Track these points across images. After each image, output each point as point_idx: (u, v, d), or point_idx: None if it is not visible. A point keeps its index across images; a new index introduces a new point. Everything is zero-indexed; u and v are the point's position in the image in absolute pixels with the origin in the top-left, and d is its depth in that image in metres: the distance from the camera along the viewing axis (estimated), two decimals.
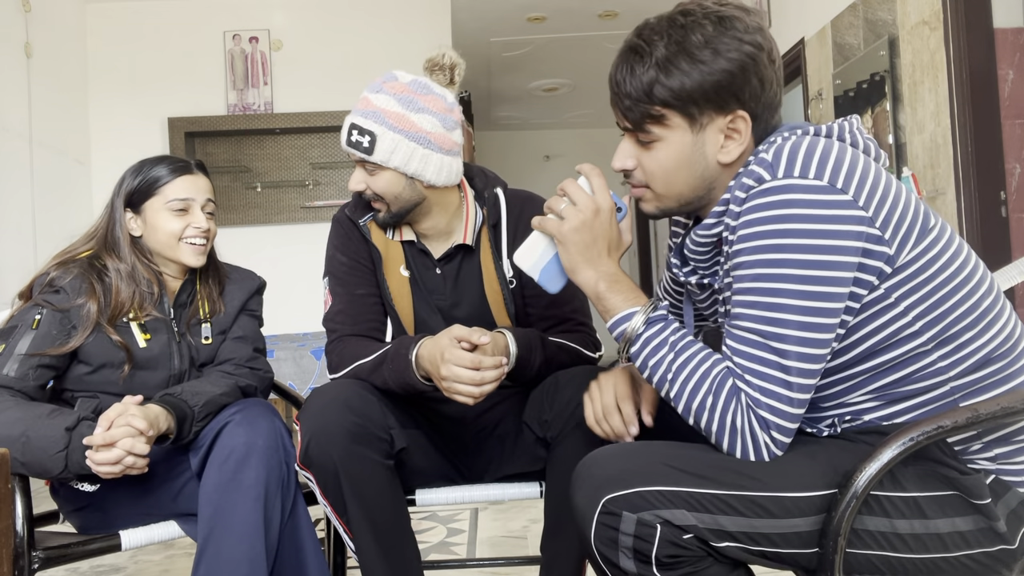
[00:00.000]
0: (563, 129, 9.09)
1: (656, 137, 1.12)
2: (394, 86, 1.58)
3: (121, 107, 5.10)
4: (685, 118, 1.10)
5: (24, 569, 1.40)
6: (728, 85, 1.08)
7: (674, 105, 1.09)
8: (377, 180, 1.58)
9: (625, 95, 1.12)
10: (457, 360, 1.40)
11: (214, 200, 1.70)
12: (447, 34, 5.27)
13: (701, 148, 1.12)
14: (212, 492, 1.45)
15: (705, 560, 1.03)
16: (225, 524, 1.43)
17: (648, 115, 1.11)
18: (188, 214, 1.64)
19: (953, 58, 3.05)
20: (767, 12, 4.73)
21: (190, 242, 1.64)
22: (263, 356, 1.78)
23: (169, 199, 1.63)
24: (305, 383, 4.37)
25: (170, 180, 1.64)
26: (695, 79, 1.08)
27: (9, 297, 1.70)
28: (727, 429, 1.05)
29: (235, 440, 1.48)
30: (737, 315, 1.06)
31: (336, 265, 1.67)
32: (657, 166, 1.14)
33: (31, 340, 1.53)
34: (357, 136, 1.56)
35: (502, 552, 2.55)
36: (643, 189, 1.18)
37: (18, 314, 1.58)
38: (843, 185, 1.02)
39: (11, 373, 1.50)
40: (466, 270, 1.68)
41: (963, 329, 1.06)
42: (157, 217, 1.64)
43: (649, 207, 1.19)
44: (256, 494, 1.44)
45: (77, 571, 2.53)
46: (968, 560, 1.05)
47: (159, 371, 1.63)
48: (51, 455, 1.40)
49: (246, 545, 1.42)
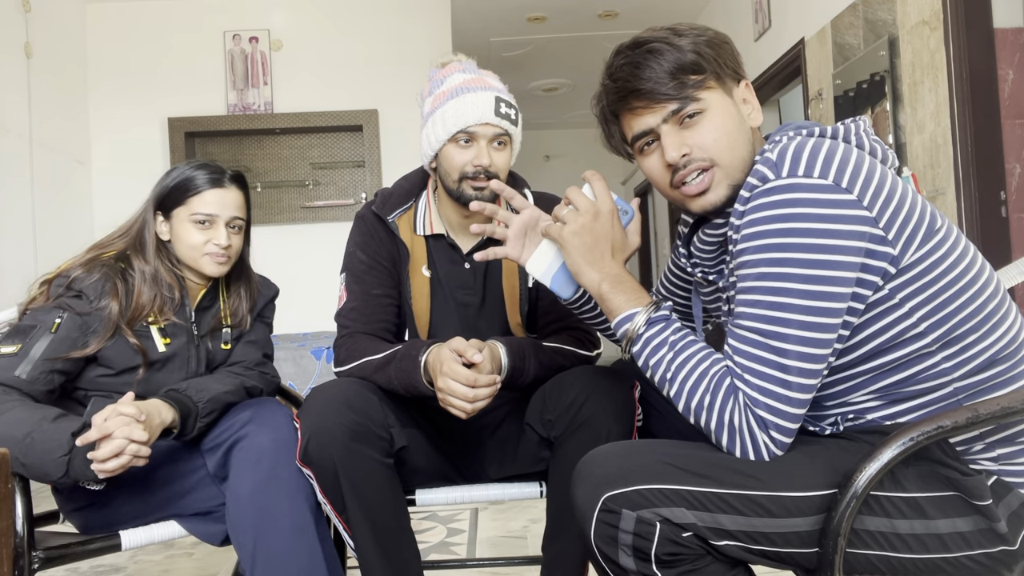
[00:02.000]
0: (563, 129, 9.09)
1: (702, 107, 1.14)
2: (481, 69, 1.65)
3: (121, 107, 5.10)
4: (718, 81, 1.15)
5: (24, 569, 1.40)
6: (729, 51, 1.17)
7: (706, 68, 1.14)
8: (503, 155, 1.61)
9: (658, 81, 1.13)
10: (454, 375, 1.42)
11: (243, 217, 1.68)
12: (447, 34, 5.27)
13: (739, 111, 1.17)
14: (251, 494, 1.45)
15: (704, 558, 1.03)
16: (274, 522, 1.43)
17: (688, 86, 1.13)
18: (211, 229, 1.64)
19: (953, 58, 3.05)
20: (767, 12, 4.73)
21: (212, 255, 1.64)
22: (271, 362, 1.80)
23: (194, 211, 1.64)
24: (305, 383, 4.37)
25: (200, 191, 1.64)
26: (705, 43, 1.15)
27: (9, 297, 1.69)
28: (725, 427, 1.05)
29: (262, 439, 1.48)
30: (739, 314, 1.06)
31: (355, 262, 1.68)
32: (714, 133, 1.14)
33: (48, 344, 1.52)
34: (506, 108, 1.59)
35: (502, 552, 2.55)
36: (708, 172, 1.15)
37: (38, 313, 1.56)
38: (847, 185, 1.02)
39: (23, 375, 1.49)
40: (494, 264, 1.70)
41: (968, 331, 1.06)
42: (181, 227, 1.65)
43: (720, 189, 1.15)
44: (298, 488, 1.46)
45: (77, 571, 2.53)
46: (968, 561, 1.05)
47: (176, 373, 1.63)
48: (54, 459, 1.39)
49: (301, 539, 1.43)
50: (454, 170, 1.59)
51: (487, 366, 1.47)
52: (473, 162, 1.57)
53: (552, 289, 1.28)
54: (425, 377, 1.49)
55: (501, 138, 1.60)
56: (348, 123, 5.15)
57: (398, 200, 1.70)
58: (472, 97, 1.57)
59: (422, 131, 1.65)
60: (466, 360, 1.45)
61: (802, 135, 1.11)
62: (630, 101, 1.16)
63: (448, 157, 1.60)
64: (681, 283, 1.40)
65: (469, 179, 1.59)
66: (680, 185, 1.16)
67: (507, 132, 1.60)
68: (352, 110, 5.15)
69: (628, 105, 1.17)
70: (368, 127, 5.14)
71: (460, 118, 1.57)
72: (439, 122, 1.59)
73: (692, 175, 1.15)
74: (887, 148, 1.14)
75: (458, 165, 1.58)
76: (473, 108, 1.56)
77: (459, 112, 1.57)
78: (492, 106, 1.57)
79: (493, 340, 1.55)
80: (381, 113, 5.16)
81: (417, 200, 1.72)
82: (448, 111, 1.58)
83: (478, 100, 1.57)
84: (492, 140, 1.59)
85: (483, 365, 1.45)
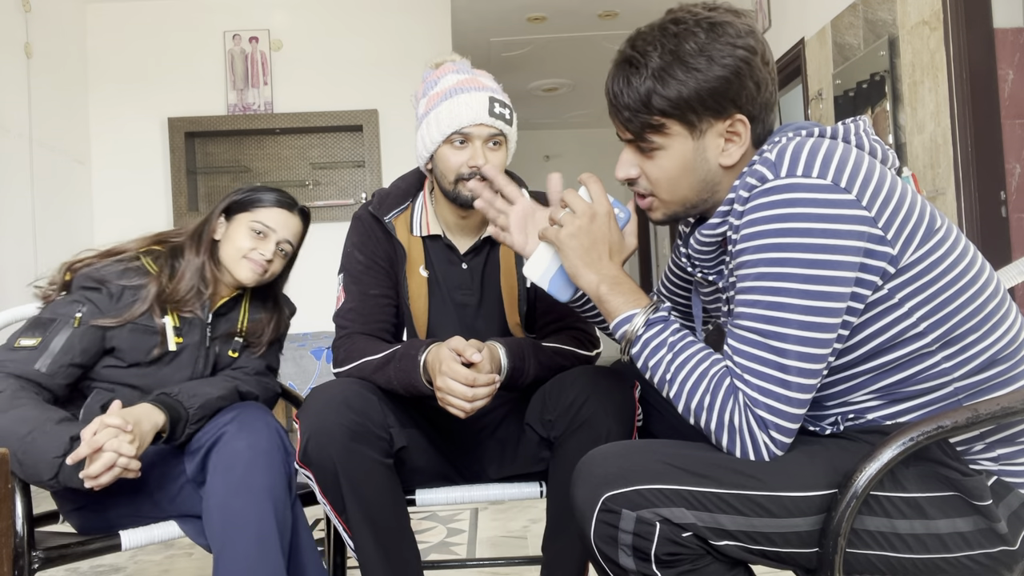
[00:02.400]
0: (563, 129, 9.09)
1: (657, 146, 1.13)
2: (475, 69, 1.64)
3: (121, 107, 5.10)
4: (684, 126, 1.11)
5: (24, 569, 1.40)
6: (725, 91, 1.09)
7: (672, 114, 1.10)
8: (498, 155, 1.61)
9: (624, 107, 1.12)
10: (453, 374, 1.42)
11: (294, 244, 1.74)
12: (447, 34, 5.27)
13: (703, 153, 1.13)
14: (222, 499, 1.44)
15: (704, 558, 1.03)
16: (240, 530, 1.42)
17: (648, 125, 1.12)
18: (263, 240, 1.68)
19: (953, 58, 3.05)
20: (767, 12, 4.73)
21: (252, 262, 1.67)
22: (274, 375, 1.81)
23: (256, 219, 1.69)
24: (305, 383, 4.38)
25: (268, 205, 1.70)
26: (691, 87, 1.08)
27: (9, 297, 1.70)
28: (725, 428, 1.05)
29: (238, 444, 1.47)
30: (739, 314, 1.06)
31: (353, 263, 1.69)
32: (661, 173, 1.15)
33: (67, 338, 1.52)
34: (500, 108, 1.60)
35: (502, 552, 2.55)
36: (649, 198, 1.19)
37: (59, 305, 1.57)
38: (847, 185, 1.02)
39: (43, 369, 1.50)
40: (491, 265, 1.71)
41: (968, 331, 1.06)
42: (237, 230, 1.69)
43: (656, 215, 1.21)
44: (267, 497, 1.45)
45: (77, 571, 2.53)
46: (968, 561, 1.04)
47: (182, 371, 1.64)
48: (48, 459, 1.38)
49: (264, 549, 1.42)
50: (450, 172, 1.59)
51: (486, 366, 1.46)
52: (468, 163, 1.58)
53: (550, 292, 1.27)
54: (424, 377, 1.49)
55: (496, 138, 1.60)
56: (348, 123, 5.15)
57: (395, 201, 1.70)
58: (466, 98, 1.57)
59: (417, 133, 1.65)
60: (465, 360, 1.45)
61: (801, 135, 1.11)
62: (609, 110, 1.18)
63: (443, 159, 1.60)
64: (682, 283, 1.40)
65: (465, 180, 1.59)
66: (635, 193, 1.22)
67: (502, 132, 1.60)
68: (352, 110, 5.15)
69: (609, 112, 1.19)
70: (368, 127, 5.14)
71: (454, 119, 1.57)
72: (433, 124, 1.59)
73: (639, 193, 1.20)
74: (887, 148, 1.14)
75: (454, 167, 1.58)
76: (467, 109, 1.57)
77: (453, 113, 1.57)
78: (486, 106, 1.58)
79: (492, 341, 1.55)
80: (381, 113, 5.16)
81: (414, 201, 1.73)
82: (442, 112, 1.58)
83: (472, 101, 1.57)
84: (487, 140, 1.59)
85: (482, 365, 1.45)
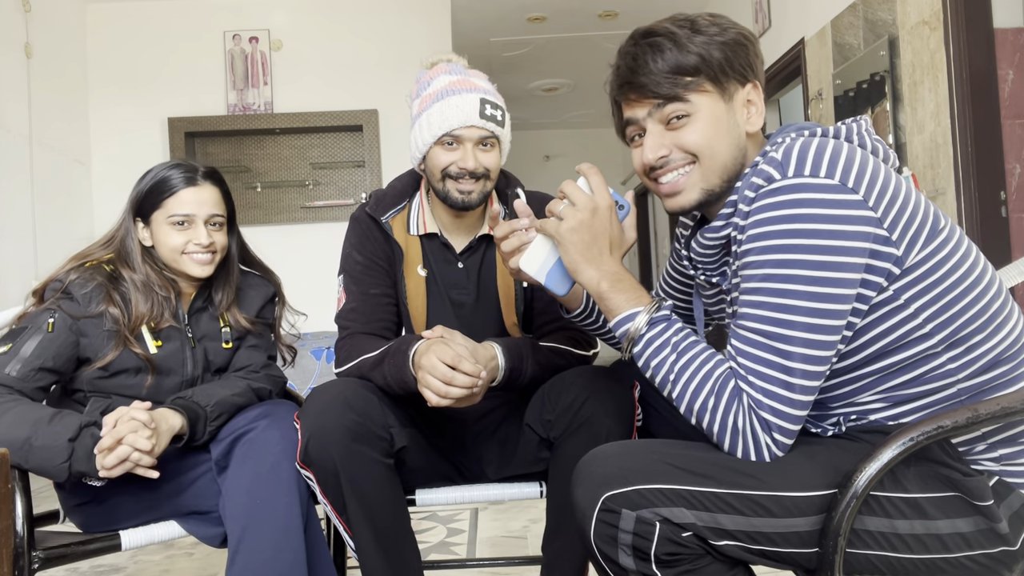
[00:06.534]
0: (563, 129, 9.10)
1: (689, 110, 1.14)
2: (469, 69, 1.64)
3: (121, 107, 5.10)
4: (715, 85, 1.14)
5: (24, 569, 1.40)
6: (743, 53, 1.15)
7: (705, 71, 1.13)
8: (491, 156, 1.62)
9: (656, 72, 1.13)
10: (439, 353, 1.42)
11: (221, 213, 1.66)
12: (447, 34, 5.27)
13: (733, 117, 1.16)
14: (251, 484, 1.45)
15: (704, 558, 1.03)
16: (267, 517, 1.43)
17: (682, 86, 1.13)
18: (190, 229, 1.62)
19: (953, 58, 3.05)
20: (767, 12, 4.73)
21: (193, 256, 1.63)
22: (275, 363, 1.80)
23: (170, 213, 1.62)
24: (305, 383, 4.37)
25: (174, 192, 1.62)
26: (716, 47, 1.14)
27: (9, 296, 1.70)
28: (728, 430, 1.05)
29: (271, 434, 1.49)
30: (744, 315, 1.06)
31: (352, 264, 1.69)
32: (698, 137, 1.14)
33: (38, 342, 1.52)
34: (491, 110, 1.59)
35: (502, 552, 2.55)
36: (682, 177, 1.16)
37: (31, 316, 1.57)
38: (853, 184, 1.01)
39: (13, 373, 1.50)
40: (487, 264, 1.71)
41: (973, 331, 1.06)
42: (161, 230, 1.63)
43: (690, 194, 1.17)
44: (295, 487, 1.46)
45: (77, 571, 2.53)
46: (969, 561, 1.04)
47: (172, 376, 1.63)
48: (55, 465, 1.40)
49: (289, 537, 1.43)
50: (437, 169, 1.60)
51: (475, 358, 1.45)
52: (458, 163, 1.59)
53: (547, 287, 1.24)
54: (415, 371, 1.48)
55: (487, 140, 1.61)
56: (348, 123, 5.15)
57: (391, 201, 1.71)
58: (457, 100, 1.58)
59: (411, 133, 1.66)
60: (461, 370, 1.42)
61: (804, 135, 1.11)
62: (626, 91, 1.17)
63: (434, 159, 1.61)
64: (682, 284, 1.40)
65: (452, 178, 1.60)
66: (656, 180, 1.19)
67: (493, 134, 1.61)
68: (352, 110, 5.15)
69: (624, 94, 1.18)
70: (368, 127, 5.14)
71: (445, 121, 1.57)
72: (425, 125, 1.60)
73: (668, 174, 1.17)
74: (888, 148, 1.14)
75: (441, 165, 1.60)
76: (457, 111, 1.57)
77: (444, 115, 1.57)
78: (477, 108, 1.58)
79: (490, 341, 1.55)
80: (381, 113, 5.16)
81: (411, 201, 1.73)
82: (434, 114, 1.58)
83: (462, 103, 1.57)
84: (478, 142, 1.59)
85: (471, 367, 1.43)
